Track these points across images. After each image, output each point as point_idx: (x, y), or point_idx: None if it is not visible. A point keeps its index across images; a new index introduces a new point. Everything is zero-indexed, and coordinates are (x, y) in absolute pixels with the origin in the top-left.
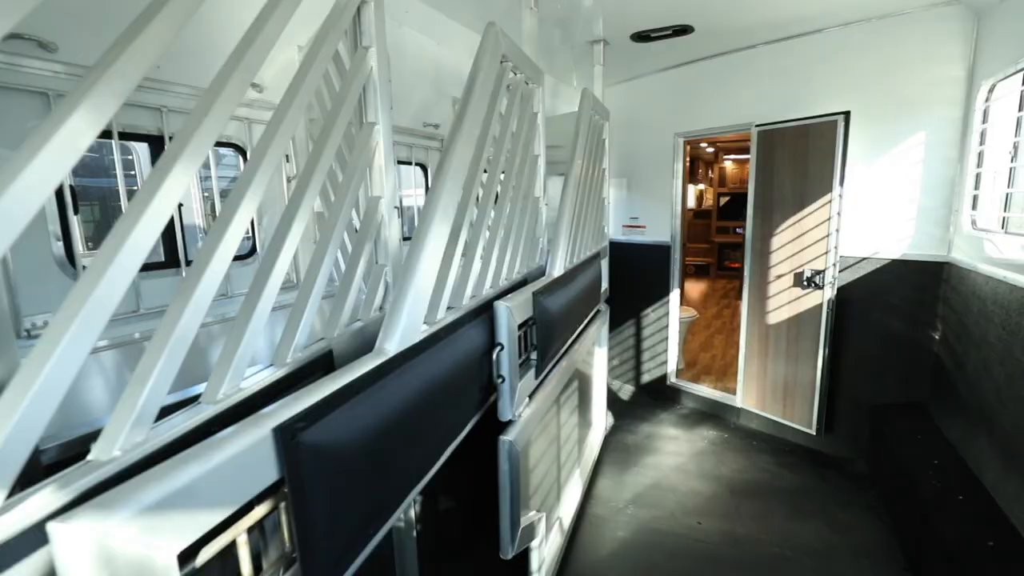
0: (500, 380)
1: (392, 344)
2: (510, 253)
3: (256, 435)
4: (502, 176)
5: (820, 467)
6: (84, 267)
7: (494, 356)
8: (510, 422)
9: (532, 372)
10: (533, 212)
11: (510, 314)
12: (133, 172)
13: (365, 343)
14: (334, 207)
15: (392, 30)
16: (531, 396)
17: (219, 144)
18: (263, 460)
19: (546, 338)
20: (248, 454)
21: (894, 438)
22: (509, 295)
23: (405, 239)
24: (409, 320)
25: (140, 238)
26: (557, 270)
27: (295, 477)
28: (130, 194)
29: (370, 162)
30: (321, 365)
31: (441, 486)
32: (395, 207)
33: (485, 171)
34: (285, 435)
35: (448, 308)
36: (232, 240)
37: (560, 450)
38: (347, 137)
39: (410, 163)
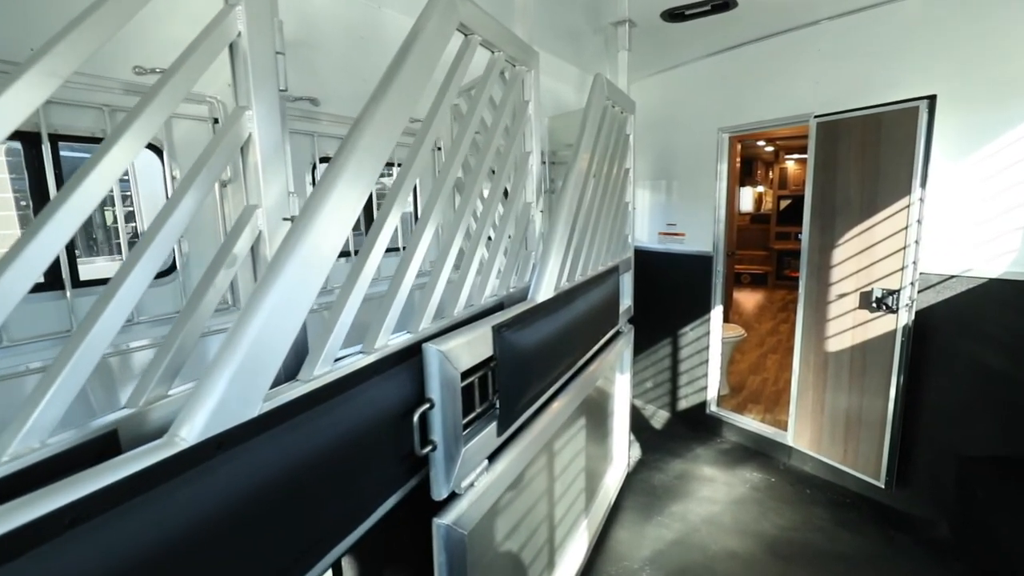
0: (430, 448)
1: (191, 428)
2: (476, 272)
3: None
4: (491, 177)
5: (889, 528)
6: None
7: (415, 419)
8: (454, 497)
9: (494, 427)
10: (523, 220)
11: (443, 360)
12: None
13: None
14: (160, 215)
15: (371, 13)
16: (493, 457)
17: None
18: None
19: (515, 384)
20: None
21: (991, 502)
22: (459, 329)
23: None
24: (236, 388)
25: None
26: (543, 293)
27: None
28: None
29: (239, 160)
30: (88, 458)
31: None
32: (285, 219)
33: (480, 172)
34: None
35: (340, 360)
36: None
37: (555, 507)
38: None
39: (393, 163)
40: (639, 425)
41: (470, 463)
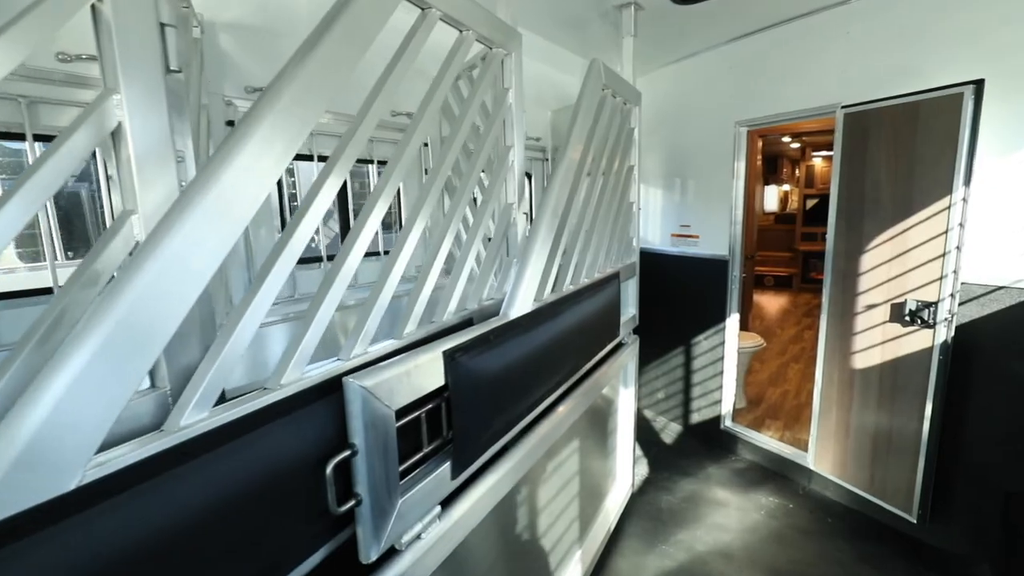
0: (353, 503)
1: None
2: (434, 284)
3: None
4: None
5: (921, 567)
6: None
7: (329, 470)
8: (394, 553)
9: (447, 469)
10: (502, 224)
11: (369, 398)
12: None
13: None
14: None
15: None
16: (449, 501)
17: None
18: None
19: (474, 418)
20: None
21: None
22: (399, 356)
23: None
24: (37, 453)
25: None
26: (518, 307)
27: None
28: None
29: (103, 153)
30: None
31: None
32: None
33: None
34: None
35: (228, 401)
36: None
37: (540, 542)
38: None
39: (370, 161)
40: (648, 439)
41: (412, 515)
